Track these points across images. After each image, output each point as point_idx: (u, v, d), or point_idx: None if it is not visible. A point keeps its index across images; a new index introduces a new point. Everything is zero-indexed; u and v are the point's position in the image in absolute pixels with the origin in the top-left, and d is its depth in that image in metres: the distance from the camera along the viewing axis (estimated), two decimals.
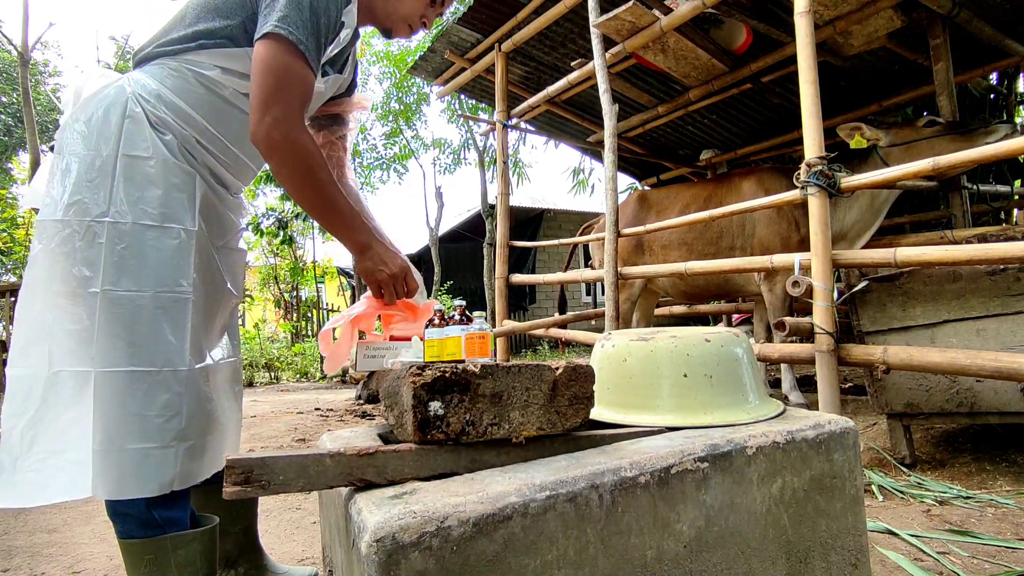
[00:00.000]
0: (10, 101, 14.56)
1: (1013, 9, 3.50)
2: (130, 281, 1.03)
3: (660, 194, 4.18)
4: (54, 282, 1.03)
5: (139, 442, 1.02)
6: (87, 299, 1.02)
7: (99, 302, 1.02)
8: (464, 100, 9.05)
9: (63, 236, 1.03)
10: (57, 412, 1.01)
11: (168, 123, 1.11)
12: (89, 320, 1.02)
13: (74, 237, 1.03)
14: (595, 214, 8.77)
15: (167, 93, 1.12)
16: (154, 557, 1.06)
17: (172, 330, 1.06)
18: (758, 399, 1.17)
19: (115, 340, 1.02)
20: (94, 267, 1.02)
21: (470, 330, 1.16)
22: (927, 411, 2.20)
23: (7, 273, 13.85)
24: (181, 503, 1.12)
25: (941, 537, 1.58)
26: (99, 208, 1.03)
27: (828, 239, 2.27)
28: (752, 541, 0.94)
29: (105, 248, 1.03)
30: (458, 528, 0.71)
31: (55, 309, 1.03)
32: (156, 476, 1.03)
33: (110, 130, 1.06)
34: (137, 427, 1.02)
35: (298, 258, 12.10)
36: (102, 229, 1.03)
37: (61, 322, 1.02)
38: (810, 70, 2.32)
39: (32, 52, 8.69)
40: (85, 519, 2.22)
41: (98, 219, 1.03)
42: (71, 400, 1.01)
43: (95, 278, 1.02)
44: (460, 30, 4.36)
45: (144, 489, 1.03)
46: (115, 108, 1.08)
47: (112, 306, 1.02)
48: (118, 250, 1.03)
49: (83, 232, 1.03)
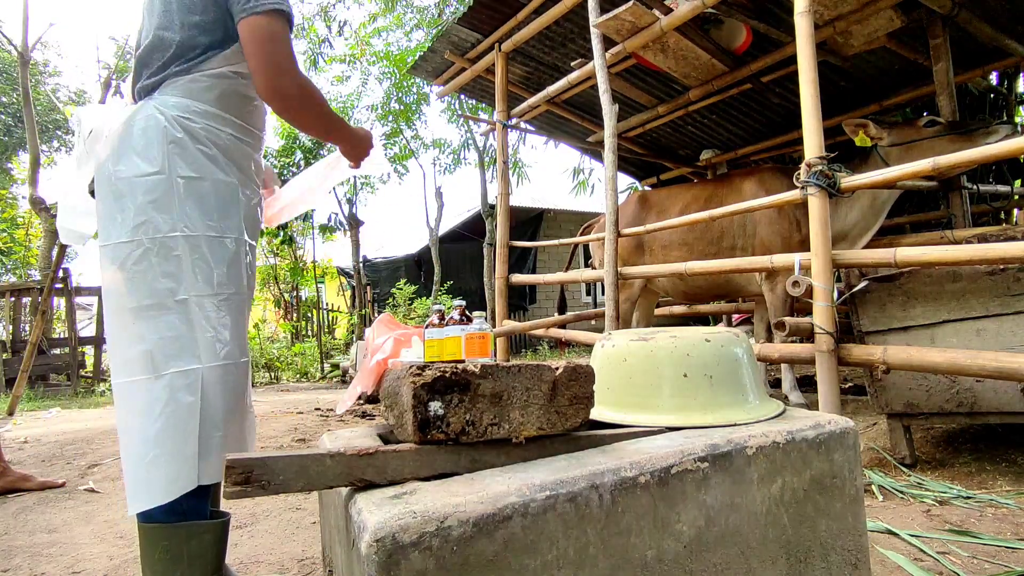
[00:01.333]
0: (10, 101, 14.56)
1: (1013, 9, 3.50)
2: (208, 286, 1.16)
3: (660, 194, 4.18)
4: (140, 297, 1.13)
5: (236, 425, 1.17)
6: (176, 307, 1.13)
7: (191, 307, 1.14)
8: (464, 100, 9.05)
9: (137, 255, 1.13)
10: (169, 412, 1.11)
11: (210, 131, 1.20)
12: (184, 325, 1.13)
13: (149, 254, 1.13)
14: (595, 214, 8.76)
15: (197, 105, 1.20)
16: (169, 544, 1.10)
17: (242, 326, 1.22)
18: (758, 399, 1.17)
19: (206, 337, 1.14)
20: (175, 279, 1.13)
21: (470, 330, 1.16)
22: (927, 411, 2.20)
23: (7, 273, 13.86)
24: (206, 493, 1.17)
25: (941, 537, 1.58)
26: (168, 225, 1.13)
27: (828, 239, 2.27)
28: (752, 541, 0.94)
29: (183, 260, 1.14)
30: (458, 528, 0.71)
31: (149, 321, 1.13)
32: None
33: (155, 156, 1.15)
34: (232, 413, 1.16)
35: (298, 258, 12.11)
36: (176, 243, 1.13)
37: (159, 331, 1.12)
38: (810, 70, 2.32)
39: (32, 52, 8.69)
40: (85, 519, 2.22)
41: (170, 235, 1.13)
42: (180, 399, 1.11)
43: (179, 287, 1.13)
44: (460, 30, 4.36)
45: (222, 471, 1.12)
46: (153, 135, 1.16)
47: (198, 309, 1.14)
48: (192, 259, 1.15)
49: (156, 248, 1.13)
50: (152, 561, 1.10)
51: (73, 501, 2.47)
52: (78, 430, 4.25)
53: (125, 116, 1.18)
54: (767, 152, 5.44)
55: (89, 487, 2.63)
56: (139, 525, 1.13)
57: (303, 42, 10.79)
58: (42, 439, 3.89)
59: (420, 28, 10.61)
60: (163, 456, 1.09)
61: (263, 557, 1.77)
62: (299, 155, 9.93)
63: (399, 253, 12.79)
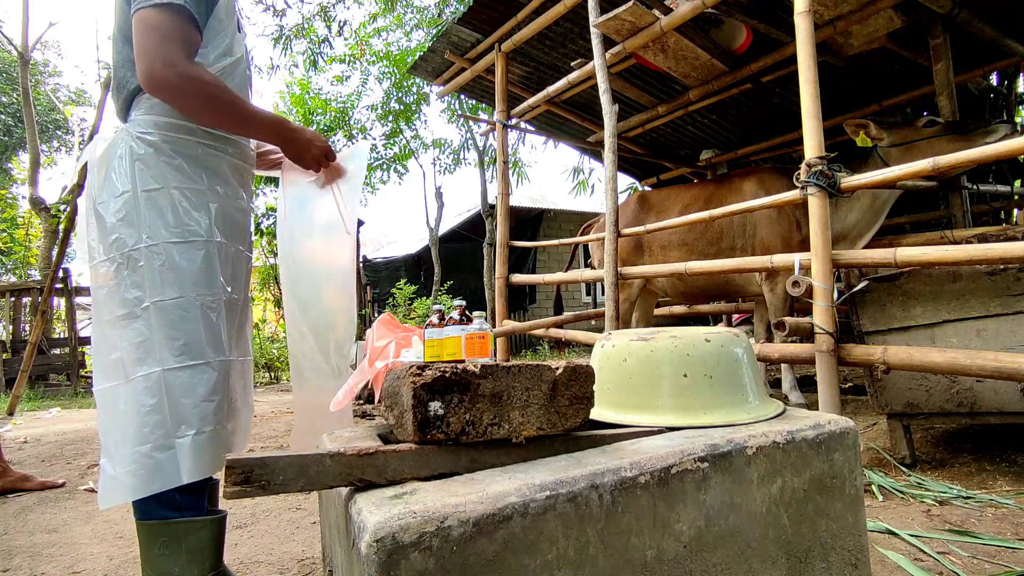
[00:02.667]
0: (10, 101, 14.57)
1: (1013, 9, 3.50)
2: (172, 290, 1.18)
3: (660, 194, 4.18)
4: (114, 308, 1.19)
5: (212, 424, 1.17)
6: (142, 315, 1.17)
7: (152, 313, 1.17)
8: (464, 100, 9.05)
9: (112, 271, 1.19)
10: (137, 413, 1.15)
11: (175, 142, 1.23)
12: (148, 330, 1.17)
13: (121, 269, 1.18)
14: (595, 214, 8.77)
15: (162, 119, 1.23)
16: (167, 540, 1.14)
17: (215, 326, 1.22)
18: (758, 399, 1.17)
19: (172, 341, 1.16)
20: (141, 287, 1.18)
21: (470, 330, 1.16)
22: (927, 411, 2.20)
23: (7, 273, 13.86)
24: (202, 489, 1.21)
25: (941, 537, 1.58)
26: (133, 239, 1.18)
27: (828, 239, 2.27)
28: (752, 541, 0.94)
29: (145, 269, 1.17)
30: (458, 528, 0.71)
31: (121, 330, 1.18)
32: (213, 457, 1.17)
33: (125, 175, 1.20)
34: (200, 413, 1.16)
35: None
36: (140, 255, 1.18)
37: (128, 339, 1.17)
38: (810, 70, 2.32)
39: (32, 52, 8.69)
40: (85, 519, 2.22)
41: (135, 248, 1.18)
42: (143, 401, 1.15)
43: (144, 296, 1.17)
44: (460, 30, 4.36)
45: (208, 469, 1.16)
46: (124, 155, 1.21)
47: (163, 314, 1.17)
48: (156, 267, 1.18)
49: (126, 262, 1.18)
50: (151, 556, 1.14)
51: (73, 501, 2.47)
52: (78, 430, 4.25)
53: (106, 145, 1.24)
54: (767, 152, 5.44)
55: (89, 487, 2.63)
56: (137, 523, 1.17)
57: (303, 42, 10.79)
58: (42, 439, 3.90)
59: (420, 28, 10.61)
60: (131, 456, 1.13)
61: (263, 557, 1.77)
62: None
63: (399, 253, 12.80)
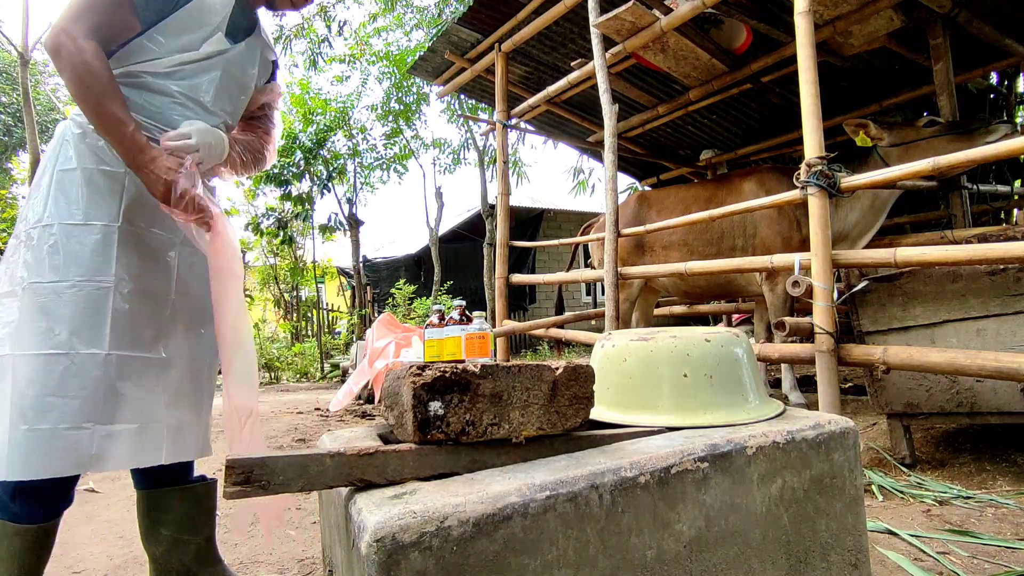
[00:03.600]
0: (10, 101, 14.56)
1: (1013, 9, 3.50)
2: (53, 273, 1.12)
3: (660, 194, 4.18)
4: (3, 285, 1.15)
5: (52, 422, 1.07)
6: (20, 294, 1.12)
7: (28, 294, 1.11)
8: (464, 100, 9.04)
9: (12, 247, 1.16)
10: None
11: None
12: (19, 312, 1.11)
13: (20, 246, 1.15)
14: (595, 214, 8.76)
15: None
16: None
17: (93, 317, 1.13)
18: (758, 399, 1.17)
19: (35, 325, 1.09)
20: (29, 267, 1.13)
21: (470, 330, 1.16)
22: (927, 411, 2.20)
23: None
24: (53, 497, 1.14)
25: (941, 537, 1.58)
26: (35, 216, 1.15)
27: (828, 239, 2.27)
28: (752, 541, 0.94)
29: (35, 248, 1.13)
30: (458, 528, 0.71)
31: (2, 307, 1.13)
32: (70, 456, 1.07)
33: (52, 154, 1.20)
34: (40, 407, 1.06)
35: (298, 258, 12.09)
36: (36, 233, 1.14)
37: (2, 317, 1.12)
38: (810, 70, 2.32)
39: (32, 52, 8.68)
40: (85, 519, 2.22)
41: (34, 226, 1.15)
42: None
43: (27, 275, 1.12)
44: (460, 30, 4.36)
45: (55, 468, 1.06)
46: (57, 135, 1.21)
47: (35, 296, 1.11)
48: (45, 248, 1.13)
49: (24, 239, 1.15)
50: None
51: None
52: None
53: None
54: (767, 152, 5.43)
55: (89, 487, 2.63)
56: None
57: (303, 42, 10.78)
58: None
59: (420, 28, 10.60)
60: None
61: (263, 557, 1.77)
62: (299, 155, 9.91)
63: (399, 253, 12.79)
